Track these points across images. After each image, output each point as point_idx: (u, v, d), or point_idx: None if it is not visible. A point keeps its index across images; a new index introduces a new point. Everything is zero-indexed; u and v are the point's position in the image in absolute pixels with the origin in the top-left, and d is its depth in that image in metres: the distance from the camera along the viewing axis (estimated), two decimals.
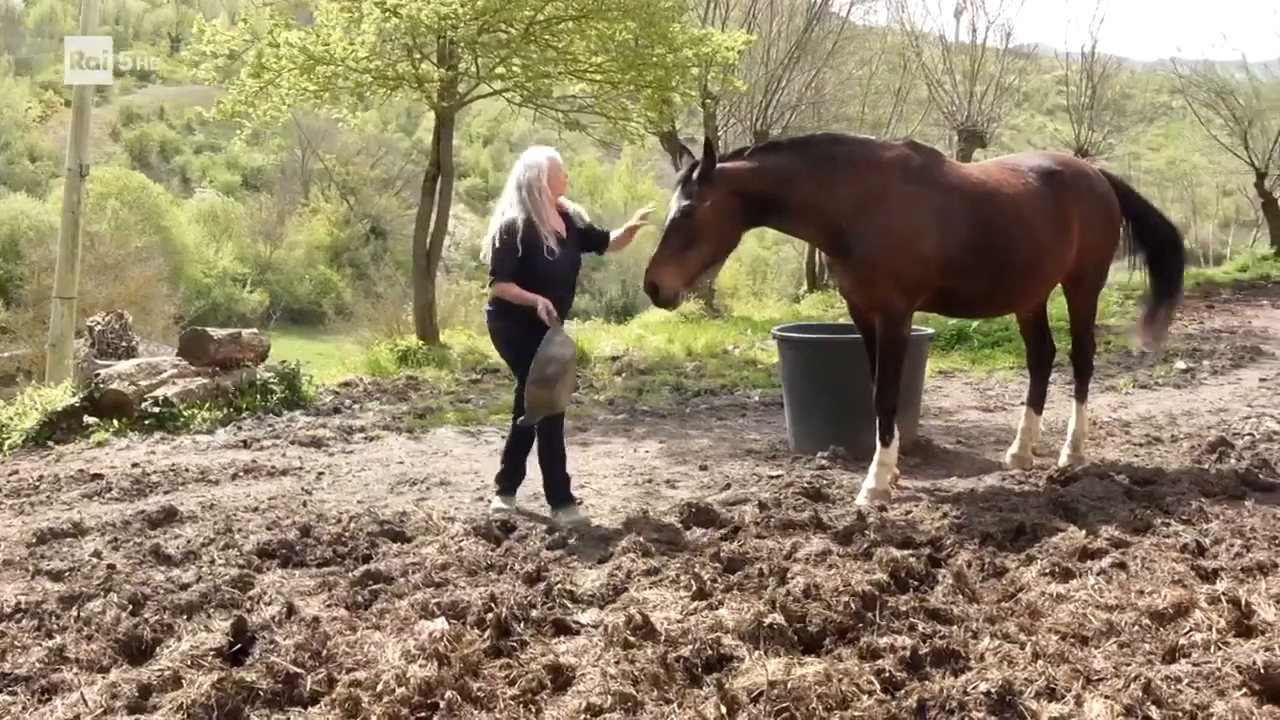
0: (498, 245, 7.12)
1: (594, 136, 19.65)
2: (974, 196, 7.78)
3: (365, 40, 14.69)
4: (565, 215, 7.33)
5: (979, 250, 7.68)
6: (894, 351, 7.65)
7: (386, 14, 14.29)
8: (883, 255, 7.40)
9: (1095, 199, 8.33)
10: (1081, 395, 8.80)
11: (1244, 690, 4.14)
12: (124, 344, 13.97)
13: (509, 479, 7.65)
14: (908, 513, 7.07)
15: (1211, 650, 4.49)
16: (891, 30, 28.84)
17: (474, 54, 15.33)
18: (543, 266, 7.05)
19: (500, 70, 15.70)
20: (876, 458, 7.69)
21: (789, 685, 4.17)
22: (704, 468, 9.03)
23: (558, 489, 7.46)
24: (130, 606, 5.46)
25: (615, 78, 15.88)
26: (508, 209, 7.18)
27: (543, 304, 7.03)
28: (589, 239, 7.58)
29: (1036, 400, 8.84)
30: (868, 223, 7.27)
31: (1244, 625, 4.72)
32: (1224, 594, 4.96)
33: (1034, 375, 8.94)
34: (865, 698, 4.21)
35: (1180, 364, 13.72)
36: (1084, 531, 6.29)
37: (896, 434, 7.79)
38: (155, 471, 9.00)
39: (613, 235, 7.74)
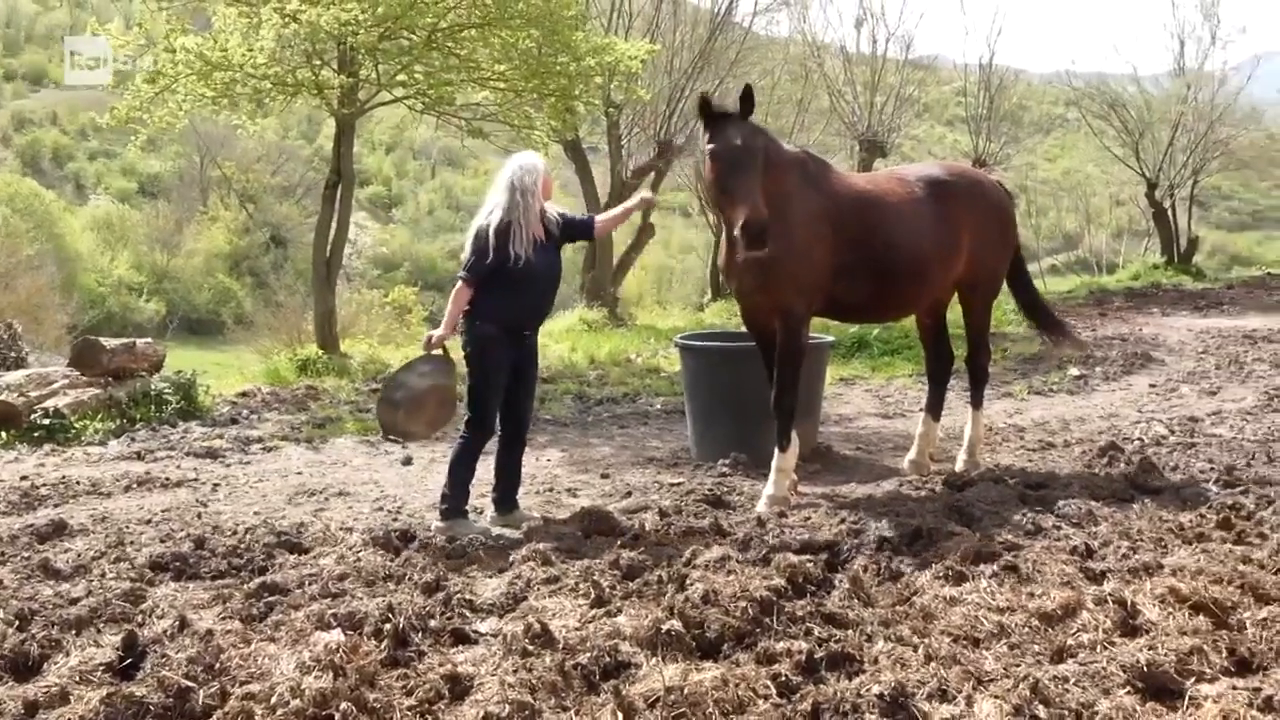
0: (472, 246, 7.10)
1: (497, 145, 19.59)
2: (860, 204, 7.91)
3: (264, 46, 14.48)
4: (544, 219, 7.26)
5: (863, 256, 7.81)
6: (792, 356, 7.73)
7: (286, 20, 14.10)
8: (786, 256, 7.46)
9: (988, 208, 8.50)
10: (977, 402, 8.97)
11: (1128, 689, 4.25)
12: (13, 354, 13.61)
13: (457, 499, 7.28)
14: (807, 518, 7.13)
15: (1098, 650, 4.60)
16: (794, 41, 29.07)
17: (375, 61, 15.18)
18: (519, 271, 6.99)
19: (402, 78, 15.56)
20: (775, 464, 7.76)
21: (685, 691, 4.20)
22: (605, 476, 9.05)
23: (512, 494, 7.54)
24: (17, 622, 5.33)
25: (518, 86, 15.83)
26: (495, 210, 7.07)
27: (428, 335, 7.28)
28: (571, 230, 7.52)
29: (934, 407, 8.98)
30: (777, 221, 7.21)
31: (1129, 625, 4.84)
32: (1110, 595, 5.09)
33: (932, 382, 9.09)
34: (761, 702, 4.25)
35: (1074, 370, 14.02)
36: (978, 535, 6.41)
37: (795, 440, 7.86)
38: (45, 484, 8.80)
39: (599, 219, 7.81)
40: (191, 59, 14.28)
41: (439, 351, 7.24)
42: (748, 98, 7.28)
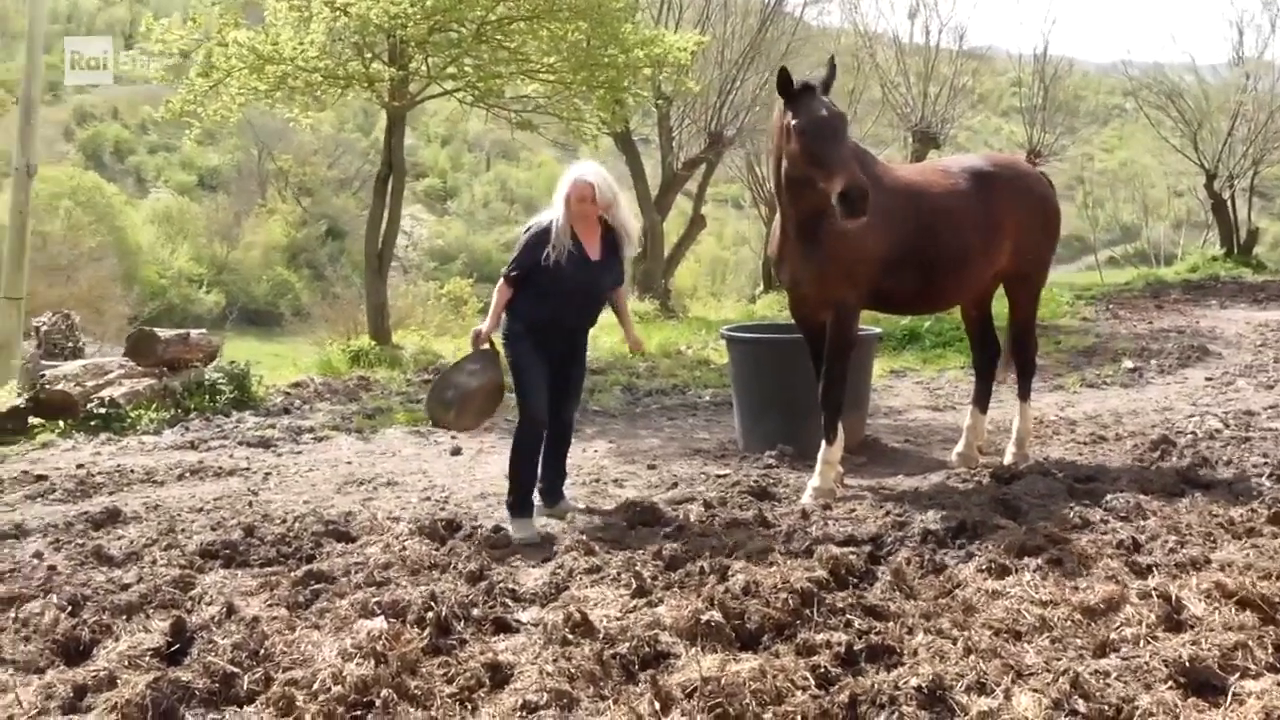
0: (517, 246, 7.35)
1: (547, 137, 19.65)
2: (908, 194, 7.88)
3: (315, 40, 14.60)
4: (610, 232, 7.32)
5: (912, 248, 7.78)
6: (843, 349, 7.73)
7: (336, 13, 14.21)
8: (844, 248, 7.45)
9: (1032, 200, 8.42)
10: (1024, 394, 8.90)
11: (1170, 683, 4.21)
12: (71, 344, 13.85)
13: (517, 496, 7.25)
14: (851, 511, 7.11)
15: (1140, 645, 4.56)
16: (845, 31, 28.92)
17: (424, 54, 15.27)
18: (548, 276, 7.06)
19: (451, 70, 15.64)
20: (821, 456, 7.74)
21: (723, 681, 4.21)
22: (652, 467, 9.06)
23: (558, 486, 7.65)
24: (69, 608, 5.44)
25: (567, 78, 15.85)
26: (545, 212, 7.25)
27: (475, 330, 7.38)
28: (615, 263, 7.46)
29: (981, 399, 8.92)
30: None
31: (1173, 620, 4.79)
32: (1155, 589, 5.03)
33: (979, 375, 9.03)
34: (799, 693, 4.25)
35: (1128, 363, 13.86)
36: (1024, 528, 6.37)
37: (841, 432, 7.84)
38: (100, 473, 8.94)
39: (619, 294, 7.68)
40: (244, 52, 14.41)
41: (485, 346, 7.31)
42: (831, 70, 7.42)
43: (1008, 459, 8.65)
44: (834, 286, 7.67)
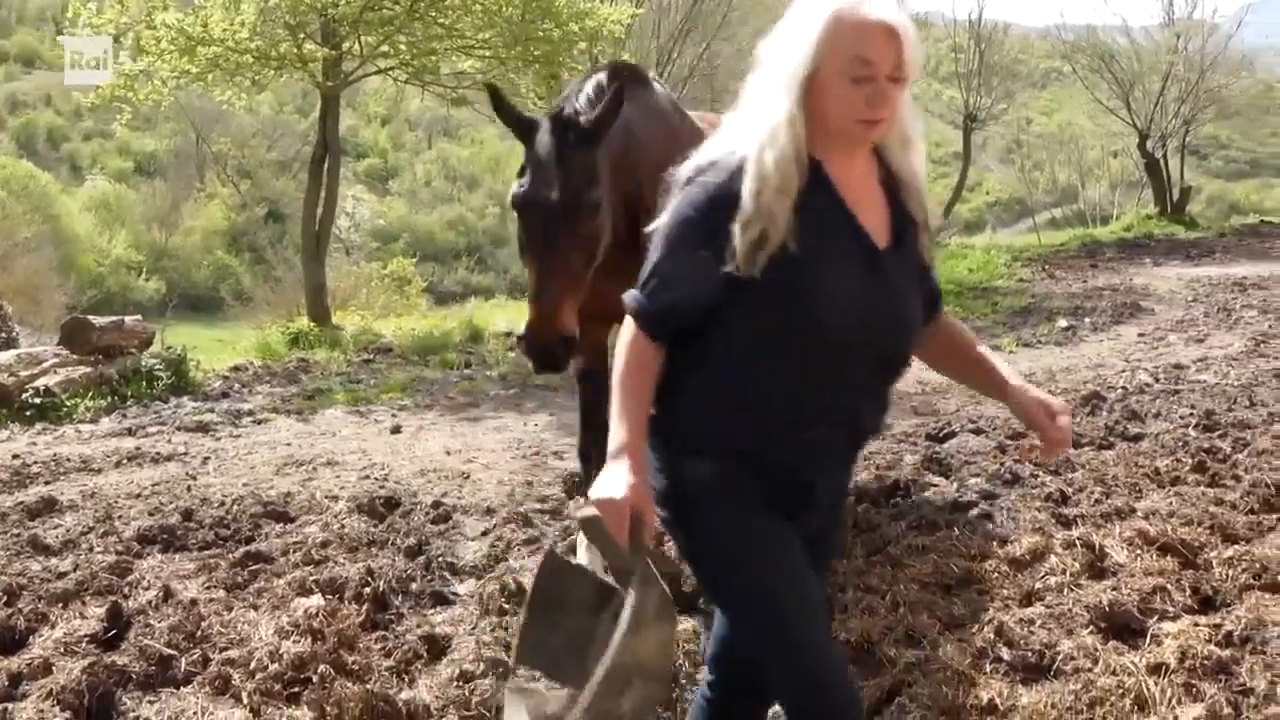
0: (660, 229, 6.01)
1: (484, 114, 19.57)
2: None
3: (246, 20, 14.48)
4: (894, 187, 6.94)
5: None
6: None
7: None
8: None
9: None
10: None
11: (1090, 628, 4.31)
12: (4, 334, 13.68)
13: None
14: None
15: (1064, 592, 4.66)
16: (782, 2, 28.89)
17: (358, 32, 15.17)
18: (794, 297, 4.37)
19: (385, 48, 15.56)
20: None
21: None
22: None
23: None
24: (4, 597, 5.39)
25: (502, 53, 15.82)
26: (721, 136, 6.47)
27: (607, 495, 2.83)
28: None
29: None
30: None
31: (1096, 568, 4.90)
32: (1079, 539, 5.14)
33: None
34: None
35: (1062, 322, 14.04)
36: (955, 485, 6.48)
37: None
38: (36, 462, 8.85)
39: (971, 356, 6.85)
40: (173, 35, 14.26)
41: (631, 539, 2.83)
42: (598, 90, 4.69)
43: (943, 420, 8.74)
44: None
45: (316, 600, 4.95)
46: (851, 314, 2.63)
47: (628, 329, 2.71)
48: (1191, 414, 8.29)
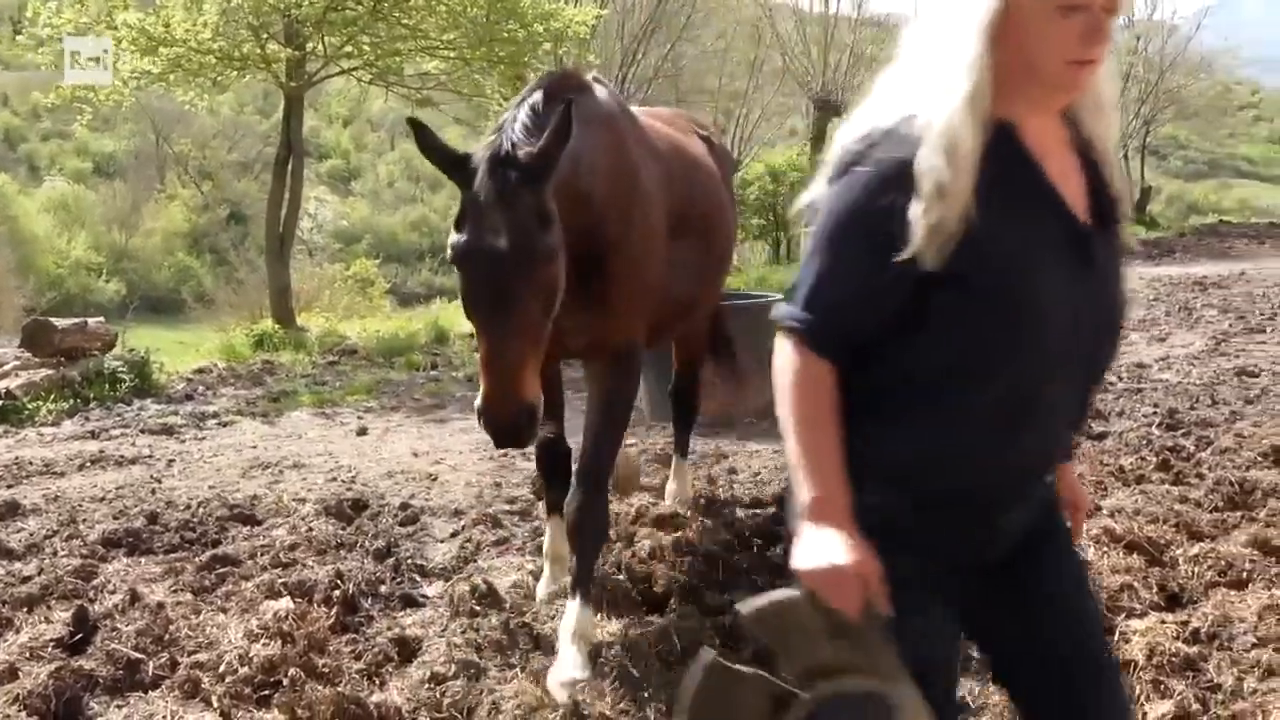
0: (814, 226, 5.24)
1: (449, 114, 19.55)
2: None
3: (208, 21, 14.38)
4: (1091, 157, 6.69)
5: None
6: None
7: None
8: None
9: None
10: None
11: None
12: None
13: None
14: (756, 474, 7.22)
15: None
16: (745, 3, 29.03)
17: (321, 33, 15.09)
18: (999, 300, 3.27)
19: (349, 49, 15.50)
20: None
21: (627, 644, 4.28)
22: None
23: None
24: None
25: (466, 54, 15.79)
26: (882, 98, 5.80)
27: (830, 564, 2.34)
28: None
29: None
30: None
31: None
32: None
33: None
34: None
35: None
36: None
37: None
38: None
39: None
40: (134, 35, 14.15)
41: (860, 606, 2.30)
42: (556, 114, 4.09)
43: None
44: None
45: (286, 603, 4.92)
46: (1066, 312, 2.13)
47: (783, 354, 2.27)
48: (1155, 412, 8.39)
